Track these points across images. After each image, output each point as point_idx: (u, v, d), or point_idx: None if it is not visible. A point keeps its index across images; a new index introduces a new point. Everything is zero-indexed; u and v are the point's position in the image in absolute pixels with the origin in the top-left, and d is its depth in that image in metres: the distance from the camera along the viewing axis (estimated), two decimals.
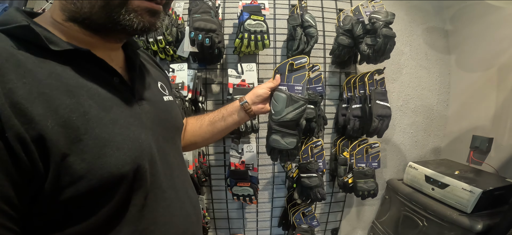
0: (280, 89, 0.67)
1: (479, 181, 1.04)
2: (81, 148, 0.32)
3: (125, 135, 0.37)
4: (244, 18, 0.85)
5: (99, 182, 0.34)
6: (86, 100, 0.35)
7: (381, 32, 0.94)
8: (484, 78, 1.24)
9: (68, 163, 0.31)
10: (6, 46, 0.32)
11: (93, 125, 0.34)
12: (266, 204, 1.30)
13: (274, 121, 0.66)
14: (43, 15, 0.40)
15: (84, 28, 0.38)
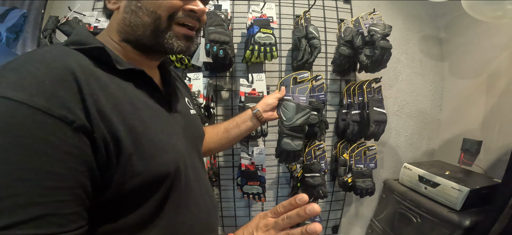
0: (288, 99, 0.77)
1: (468, 181, 1.15)
2: (141, 149, 0.40)
3: (169, 141, 0.46)
4: (255, 31, 0.95)
5: (151, 178, 0.42)
6: (142, 110, 0.43)
7: (378, 44, 1.05)
8: (474, 85, 1.34)
9: (132, 161, 0.39)
10: (88, 64, 0.40)
11: (149, 131, 0.42)
12: (271, 203, 1.40)
13: (285, 126, 0.76)
14: (102, 35, 0.49)
15: (135, 48, 0.48)
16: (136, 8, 0.44)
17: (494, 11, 0.85)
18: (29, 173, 0.32)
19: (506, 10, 0.82)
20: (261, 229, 0.43)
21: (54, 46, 0.43)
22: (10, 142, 0.31)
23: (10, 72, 0.34)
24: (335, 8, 1.37)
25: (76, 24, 0.98)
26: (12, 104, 0.31)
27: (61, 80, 0.34)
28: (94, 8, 1.28)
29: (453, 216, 1.09)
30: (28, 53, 0.38)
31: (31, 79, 0.33)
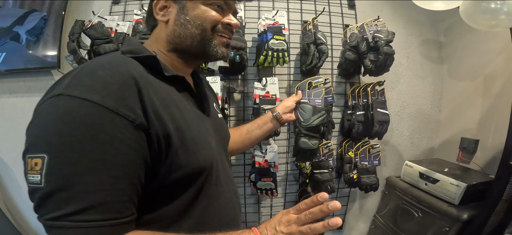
0: (305, 102, 0.85)
1: (465, 177, 1.23)
2: (185, 145, 0.47)
3: (205, 140, 0.54)
4: (268, 38, 1.03)
5: (191, 171, 0.49)
6: (185, 112, 0.50)
7: (382, 50, 1.13)
8: (471, 87, 1.43)
9: (178, 155, 0.45)
10: (142, 70, 0.46)
11: (191, 130, 0.50)
12: (280, 199, 1.48)
13: (303, 126, 0.85)
14: (148, 45, 0.56)
15: (179, 57, 0.56)
16: (185, 22, 0.52)
17: (489, 21, 0.92)
18: (99, 163, 0.37)
19: (499, 19, 0.90)
20: (283, 224, 0.47)
21: (116, 55, 0.50)
22: (86, 136, 0.37)
23: (86, 77, 0.40)
24: (340, 14, 1.46)
25: (100, 28, 1.06)
26: (88, 105, 0.38)
27: (125, 85, 0.41)
28: (111, 12, 1.35)
29: (452, 210, 1.18)
30: (97, 60, 0.45)
31: (102, 83, 0.40)
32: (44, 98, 0.41)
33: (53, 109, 0.38)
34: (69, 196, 0.36)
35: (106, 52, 1.03)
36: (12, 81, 1.41)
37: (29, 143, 0.39)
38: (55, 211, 0.36)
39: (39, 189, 0.37)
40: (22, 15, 1.34)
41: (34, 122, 0.40)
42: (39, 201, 0.37)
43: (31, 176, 0.37)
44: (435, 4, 1.04)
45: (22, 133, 1.39)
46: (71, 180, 0.37)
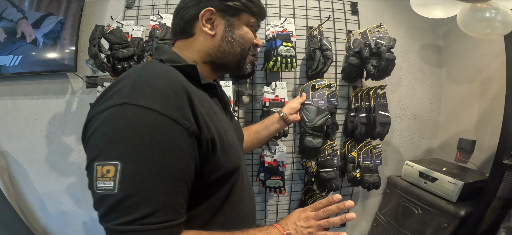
0: (309, 103, 0.93)
1: (463, 176, 1.31)
2: (224, 148, 0.52)
3: (235, 142, 0.60)
4: (278, 44, 1.11)
5: (227, 171, 0.54)
6: (219, 117, 0.56)
7: (384, 56, 1.21)
8: (469, 90, 1.51)
9: (219, 157, 0.50)
10: (184, 79, 0.49)
11: (226, 134, 0.55)
12: (285, 198, 1.55)
13: (308, 126, 0.93)
14: (183, 54, 0.59)
15: (210, 68, 0.62)
16: (231, 40, 0.59)
17: (484, 29, 0.99)
18: (165, 169, 0.41)
19: (494, 28, 0.98)
20: (303, 219, 0.54)
21: (159, 64, 0.53)
22: (154, 143, 0.40)
23: (145, 87, 0.43)
24: (344, 20, 1.53)
25: (118, 33, 1.12)
26: (153, 114, 0.41)
27: (180, 94, 0.45)
28: (125, 16, 1.42)
29: (450, 207, 1.25)
30: (147, 69, 0.48)
31: (161, 93, 0.43)
32: (104, 106, 0.43)
33: (120, 118, 0.41)
34: (141, 201, 0.39)
35: (124, 57, 1.10)
36: (28, 84, 1.48)
37: (99, 151, 0.40)
38: (127, 216, 0.38)
39: (112, 195, 0.39)
40: (39, 19, 1.41)
41: (100, 129, 0.41)
42: (111, 207, 0.39)
43: (102, 183, 0.39)
44: (434, 12, 1.11)
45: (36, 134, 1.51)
46: (143, 186, 0.39)
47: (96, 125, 0.42)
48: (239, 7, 0.58)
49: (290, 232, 0.54)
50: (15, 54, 1.40)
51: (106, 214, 0.40)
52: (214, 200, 0.54)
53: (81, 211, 1.61)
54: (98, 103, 0.45)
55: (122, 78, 0.46)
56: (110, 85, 0.47)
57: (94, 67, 1.10)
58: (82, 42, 1.40)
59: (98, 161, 0.40)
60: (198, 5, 0.58)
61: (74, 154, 1.51)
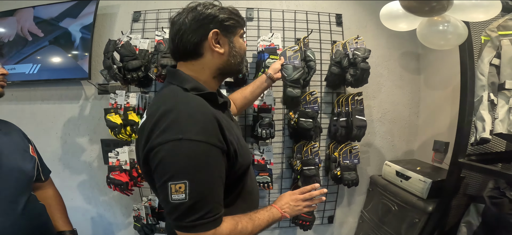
0: (287, 63, 1.24)
1: (433, 174, 1.49)
2: (241, 152, 0.71)
3: (245, 144, 0.80)
4: (265, 57, 1.34)
5: (244, 168, 0.74)
6: (233, 128, 0.73)
7: (359, 65, 1.42)
8: (444, 95, 1.71)
9: (239, 160, 0.70)
10: (210, 107, 0.66)
11: (240, 140, 0.74)
12: (276, 194, 1.76)
13: (287, 80, 1.27)
14: (201, 79, 0.73)
15: (218, 80, 0.78)
16: (235, 53, 0.75)
17: (439, 40, 1.16)
18: (213, 181, 0.62)
19: (447, 39, 1.13)
20: (292, 200, 0.82)
21: (188, 95, 0.68)
22: (205, 165, 0.61)
23: (190, 123, 0.61)
24: (329, 31, 1.75)
25: (128, 47, 1.36)
26: (201, 145, 0.60)
27: (213, 124, 0.63)
28: (132, 29, 1.65)
29: (420, 203, 1.43)
30: (183, 104, 0.64)
31: (202, 127, 0.61)
32: (162, 140, 0.60)
33: (181, 150, 0.59)
34: (202, 204, 0.61)
35: (133, 68, 1.34)
36: (45, 90, 1.72)
37: (170, 175, 0.59)
38: (195, 215, 0.60)
39: (184, 203, 0.59)
40: (74, 5, 1.50)
41: (168, 159, 0.60)
42: (184, 211, 0.59)
43: (176, 196, 0.59)
44: (400, 25, 1.28)
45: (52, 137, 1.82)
46: (202, 194, 0.61)
47: (162, 155, 0.60)
48: (234, 24, 0.74)
49: (284, 210, 0.81)
50: (35, 62, 1.63)
51: (181, 216, 0.60)
52: (237, 191, 0.76)
53: (90, 207, 1.84)
54: (152, 133, 0.62)
55: (167, 112, 0.63)
56: (156, 116, 0.62)
57: (108, 77, 1.34)
58: (94, 52, 1.63)
59: (171, 181, 0.59)
60: (201, 29, 0.70)
61: (85, 154, 1.74)
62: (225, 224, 0.66)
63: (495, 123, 1.12)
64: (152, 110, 0.67)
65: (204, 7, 0.71)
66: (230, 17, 0.73)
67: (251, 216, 0.73)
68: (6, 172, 0.81)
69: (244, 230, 0.69)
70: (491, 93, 1.12)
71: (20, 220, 0.81)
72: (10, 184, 0.81)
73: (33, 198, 0.90)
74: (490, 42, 1.16)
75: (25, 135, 0.99)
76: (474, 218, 1.33)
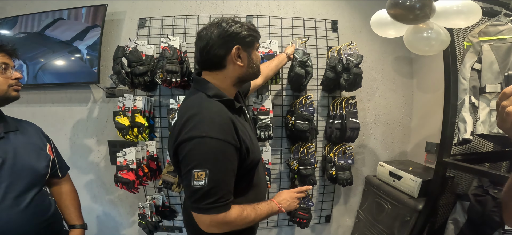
0: (298, 49, 1.52)
1: (424, 174, 1.59)
2: (252, 149, 0.85)
3: (256, 143, 0.93)
4: (264, 62, 1.46)
5: (254, 163, 0.88)
6: (247, 130, 0.87)
7: (352, 70, 1.53)
8: (435, 98, 1.80)
9: (250, 155, 0.84)
10: (227, 111, 0.80)
11: (252, 139, 0.88)
12: (275, 192, 1.87)
13: (298, 61, 1.50)
14: (222, 87, 0.86)
15: (236, 87, 0.91)
16: (253, 65, 0.89)
17: (424, 47, 1.27)
18: (227, 171, 0.77)
19: (431, 45, 1.24)
20: (289, 197, 0.97)
21: (211, 101, 0.81)
22: (222, 158, 0.75)
23: (212, 124, 0.74)
24: (325, 37, 1.87)
25: (136, 53, 1.47)
26: (220, 142, 0.74)
27: (229, 125, 0.77)
28: (138, 35, 1.77)
29: (411, 202, 1.53)
30: (207, 108, 0.78)
31: (220, 127, 0.75)
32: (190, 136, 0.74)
33: (204, 145, 0.73)
34: (217, 190, 0.74)
35: (140, 73, 1.46)
36: (55, 93, 1.84)
37: (195, 164, 0.73)
38: (210, 199, 0.74)
39: (203, 188, 0.72)
40: (83, 30, 1.70)
41: (193, 151, 0.74)
42: (202, 195, 0.73)
43: (197, 181, 0.72)
44: (389, 32, 1.39)
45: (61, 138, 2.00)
46: (218, 182, 0.74)
47: (188, 148, 0.74)
48: (253, 40, 0.87)
49: (282, 204, 0.94)
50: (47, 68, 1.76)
51: (199, 199, 0.74)
52: (247, 182, 0.89)
53: (96, 205, 1.96)
54: (182, 131, 0.76)
55: (194, 114, 0.77)
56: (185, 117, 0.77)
57: (117, 81, 1.46)
58: (102, 57, 1.75)
59: (195, 169, 0.73)
60: (226, 44, 0.82)
61: (93, 154, 1.86)
62: (234, 209, 0.79)
63: (477, 124, 1.23)
64: (182, 112, 0.81)
65: (227, 24, 0.82)
66: (249, 33, 0.85)
67: (254, 206, 0.86)
68: (18, 170, 0.90)
69: (248, 217, 0.83)
70: (473, 97, 1.23)
71: (25, 213, 0.89)
72: (20, 181, 0.90)
73: (43, 193, 0.98)
74: (472, 48, 1.27)
75: (44, 134, 1.09)
76: (460, 216, 1.43)
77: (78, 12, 1.72)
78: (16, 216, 0.87)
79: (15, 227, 0.86)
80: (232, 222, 0.79)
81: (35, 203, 0.93)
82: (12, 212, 0.87)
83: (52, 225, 1.00)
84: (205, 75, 0.88)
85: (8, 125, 0.96)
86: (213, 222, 0.77)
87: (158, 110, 1.75)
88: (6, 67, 0.94)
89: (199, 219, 0.78)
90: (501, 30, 1.19)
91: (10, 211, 0.86)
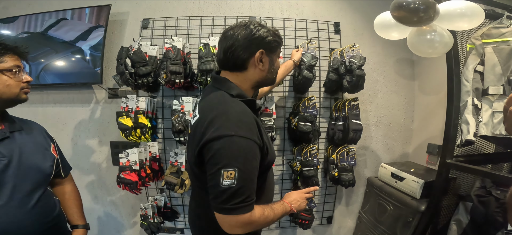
0: (306, 52, 1.54)
1: (426, 176, 1.60)
2: (270, 149, 0.85)
3: (271, 144, 0.93)
4: None
5: (270, 163, 0.87)
6: (264, 128, 0.87)
7: (355, 72, 1.54)
8: (436, 100, 1.82)
9: (268, 155, 0.83)
10: (251, 111, 0.80)
11: (269, 140, 0.87)
12: (276, 196, 1.87)
13: (306, 65, 1.51)
14: (243, 87, 0.86)
15: (255, 89, 0.92)
16: (273, 70, 0.89)
17: (427, 49, 1.28)
18: (253, 170, 0.76)
19: (434, 47, 1.25)
20: (299, 197, 0.96)
21: (235, 101, 0.81)
22: (250, 157, 0.74)
23: (239, 123, 0.74)
24: (328, 39, 1.88)
25: (139, 54, 1.48)
26: (248, 140, 0.74)
27: (254, 125, 0.77)
28: (141, 36, 1.77)
29: (413, 203, 1.54)
30: (232, 107, 0.78)
31: (247, 126, 0.75)
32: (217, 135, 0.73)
33: (233, 144, 0.72)
34: (244, 190, 0.73)
35: (144, 74, 1.46)
36: (57, 93, 1.84)
37: (224, 163, 0.71)
38: (238, 198, 0.72)
39: (232, 187, 0.71)
40: (87, 31, 1.70)
41: (222, 151, 0.72)
42: (230, 195, 0.71)
43: (227, 181, 0.71)
44: (392, 34, 1.40)
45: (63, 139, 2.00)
46: (246, 181, 0.73)
47: (217, 147, 0.73)
48: (276, 46, 0.87)
49: (293, 205, 0.94)
50: (50, 68, 1.75)
51: (227, 199, 0.72)
52: (262, 182, 0.88)
53: (97, 206, 1.95)
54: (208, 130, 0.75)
55: (220, 113, 0.77)
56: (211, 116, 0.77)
57: (120, 82, 1.46)
58: (105, 58, 1.74)
59: (225, 169, 0.71)
60: (251, 47, 0.82)
61: (95, 155, 1.86)
62: (257, 209, 0.79)
63: (480, 126, 1.24)
64: (206, 111, 0.80)
65: (255, 27, 0.82)
66: (274, 39, 0.85)
67: (272, 206, 0.87)
68: (24, 170, 0.90)
69: (268, 217, 0.83)
70: (475, 98, 1.24)
71: (32, 213, 0.89)
72: (27, 180, 0.90)
73: (48, 193, 0.98)
74: (475, 50, 1.29)
75: (48, 134, 1.09)
76: (463, 216, 1.43)
77: (81, 13, 1.72)
78: (23, 216, 0.87)
79: (23, 227, 0.86)
80: (256, 221, 0.78)
81: (41, 203, 0.92)
82: (20, 212, 0.86)
83: (57, 225, 1.00)
84: (225, 75, 0.88)
85: (13, 124, 0.96)
86: (239, 223, 0.75)
87: (160, 112, 1.75)
88: (19, 70, 0.93)
89: (224, 220, 0.76)
90: (503, 33, 1.20)
91: (18, 211, 0.86)
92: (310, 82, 1.56)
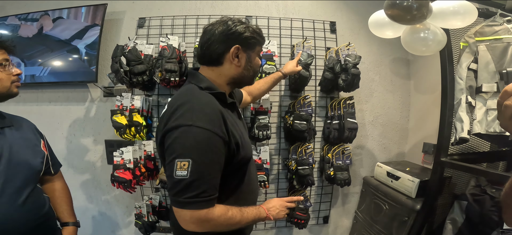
0: (304, 51, 1.51)
1: (421, 175, 1.59)
2: (243, 145, 0.82)
3: (248, 140, 0.90)
4: (263, 63, 1.46)
5: (245, 159, 0.84)
6: (238, 125, 0.85)
7: (350, 71, 1.54)
8: (432, 99, 1.82)
9: (240, 151, 0.80)
10: (218, 104, 0.77)
11: (243, 136, 0.84)
12: (273, 195, 1.86)
13: (303, 63, 1.48)
14: (216, 82, 0.84)
15: (230, 86, 0.89)
16: (250, 68, 0.87)
17: (421, 47, 1.27)
18: (213, 164, 0.72)
19: (428, 45, 1.25)
20: (278, 204, 0.93)
21: (202, 93, 0.79)
22: (208, 149, 0.70)
23: (200, 114, 0.71)
24: (324, 38, 1.88)
25: (135, 52, 1.47)
26: (207, 132, 0.70)
27: (218, 117, 0.74)
28: (137, 35, 1.76)
29: (409, 202, 1.53)
30: (196, 98, 0.76)
31: (210, 118, 0.72)
32: (177, 124, 0.71)
33: (190, 134, 0.70)
34: (199, 183, 0.69)
35: (139, 72, 1.45)
36: (53, 92, 1.82)
37: (178, 153, 0.69)
38: (192, 192, 0.68)
39: (185, 179, 0.68)
40: (82, 29, 1.69)
41: (178, 140, 0.70)
42: (183, 187, 0.68)
43: (180, 171, 0.68)
44: (386, 32, 1.40)
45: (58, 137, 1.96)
46: (201, 174, 0.69)
47: (174, 136, 0.71)
48: (255, 42, 0.85)
49: (270, 212, 0.91)
50: (45, 66, 1.75)
51: (180, 192, 0.69)
52: (236, 180, 0.86)
53: (91, 206, 1.93)
54: (170, 119, 0.74)
55: (183, 103, 0.75)
56: (174, 106, 0.75)
57: (115, 80, 1.45)
58: (101, 56, 1.73)
59: (178, 159, 0.69)
60: (226, 42, 0.81)
61: (89, 154, 1.84)
62: (218, 208, 0.75)
63: (474, 124, 1.23)
64: (172, 102, 0.79)
65: (233, 23, 0.82)
66: (252, 35, 0.84)
67: (241, 208, 0.82)
68: (14, 166, 0.88)
69: (233, 218, 0.78)
70: (469, 96, 1.24)
71: (22, 209, 0.87)
72: (17, 176, 0.88)
73: (37, 190, 0.97)
74: (468, 48, 1.28)
75: (38, 130, 1.08)
76: (458, 215, 1.42)
77: (77, 11, 1.72)
78: (13, 212, 0.85)
79: (13, 223, 0.85)
80: (215, 220, 0.74)
81: (31, 199, 0.91)
82: (10, 208, 0.85)
83: (47, 222, 0.98)
84: (202, 69, 0.88)
85: (3, 120, 0.95)
86: (193, 218, 0.71)
87: (156, 110, 1.74)
88: (8, 64, 0.93)
89: (179, 214, 0.72)
90: (496, 31, 1.20)
91: (8, 207, 0.85)
92: (307, 81, 1.55)
